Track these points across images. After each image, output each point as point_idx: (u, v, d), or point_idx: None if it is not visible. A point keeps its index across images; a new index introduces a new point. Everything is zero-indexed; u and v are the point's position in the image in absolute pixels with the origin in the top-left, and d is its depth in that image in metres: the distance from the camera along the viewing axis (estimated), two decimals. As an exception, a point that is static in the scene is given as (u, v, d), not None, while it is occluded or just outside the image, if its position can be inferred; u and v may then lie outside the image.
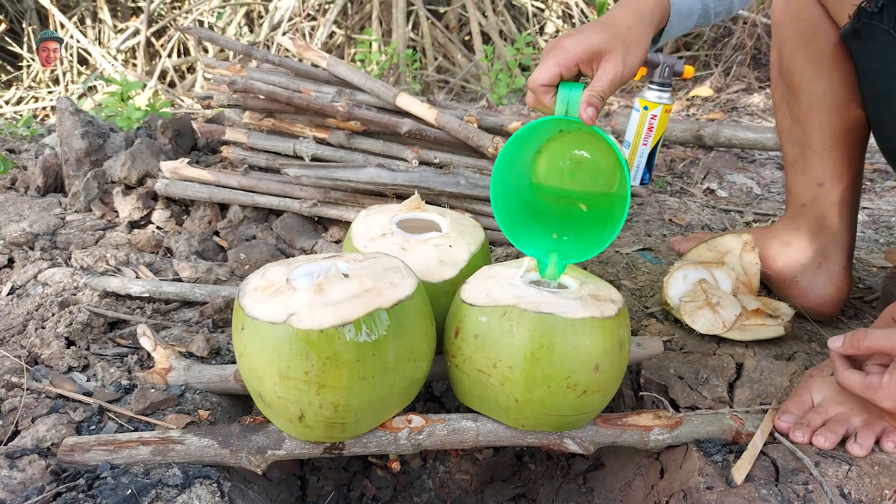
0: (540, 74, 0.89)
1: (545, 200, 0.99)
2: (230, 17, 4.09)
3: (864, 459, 0.87)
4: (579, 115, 0.85)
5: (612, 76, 0.88)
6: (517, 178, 0.97)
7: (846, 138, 1.19)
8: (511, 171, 0.95)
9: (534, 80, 0.89)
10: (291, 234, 1.52)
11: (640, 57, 0.91)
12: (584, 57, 0.89)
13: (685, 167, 2.29)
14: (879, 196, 2.17)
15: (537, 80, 0.89)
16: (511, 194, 0.96)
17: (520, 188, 0.98)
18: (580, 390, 0.81)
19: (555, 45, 0.91)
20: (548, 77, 0.89)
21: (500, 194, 0.93)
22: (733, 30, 3.53)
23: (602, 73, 0.88)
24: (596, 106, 0.85)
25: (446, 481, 1.19)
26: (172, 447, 0.84)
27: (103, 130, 1.70)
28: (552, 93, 0.90)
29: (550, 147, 0.96)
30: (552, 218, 0.99)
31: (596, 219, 0.96)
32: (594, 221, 0.96)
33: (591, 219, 0.97)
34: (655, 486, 0.96)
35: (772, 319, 1.16)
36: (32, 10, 4.14)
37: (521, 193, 0.98)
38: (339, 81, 1.61)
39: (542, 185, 0.99)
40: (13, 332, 1.12)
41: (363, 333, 0.75)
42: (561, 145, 0.95)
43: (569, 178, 0.97)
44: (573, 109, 0.87)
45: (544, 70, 0.89)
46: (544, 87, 0.89)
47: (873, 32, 1.03)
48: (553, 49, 0.90)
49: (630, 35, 0.91)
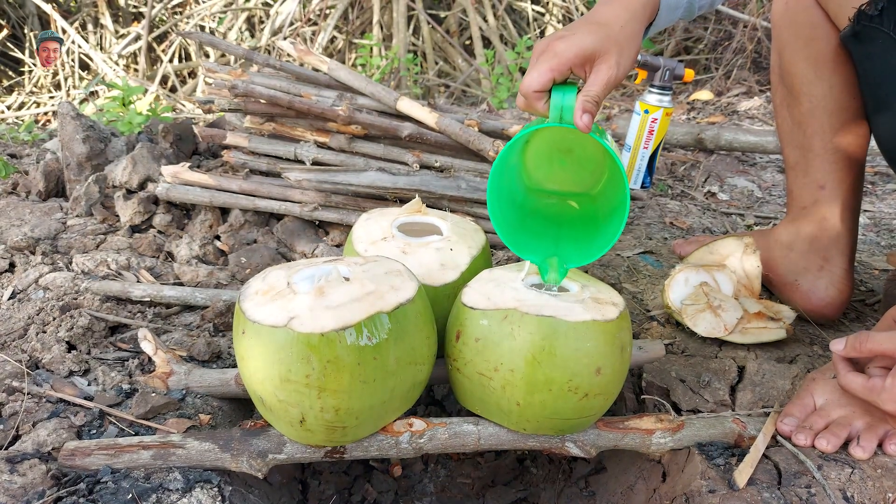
0: (532, 80, 0.86)
1: (539, 202, 0.99)
2: (231, 22, 4.10)
3: (867, 462, 0.87)
4: (575, 123, 0.84)
5: (606, 79, 0.86)
6: (511, 183, 0.97)
7: (847, 141, 1.19)
8: (505, 177, 0.94)
9: (526, 87, 0.87)
10: (292, 237, 1.52)
11: (633, 56, 0.89)
12: (577, 61, 0.86)
13: (686, 170, 2.29)
14: (881, 199, 2.17)
15: (530, 86, 0.86)
16: (506, 200, 0.95)
17: (514, 192, 0.98)
18: (581, 394, 0.81)
19: (546, 49, 0.88)
20: (541, 83, 0.86)
21: (496, 201, 0.92)
22: (734, 33, 3.53)
23: (595, 76, 0.86)
24: (591, 112, 0.83)
25: (448, 485, 1.19)
26: (173, 451, 0.84)
27: (105, 135, 1.70)
28: (545, 98, 0.87)
29: (538, 140, 0.95)
30: (549, 222, 0.99)
31: (594, 222, 0.96)
32: (593, 225, 0.96)
33: (589, 222, 0.97)
34: (657, 489, 0.96)
35: (773, 322, 1.16)
36: (34, 16, 4.15)
37: (517, 197, 0.98)
38: (339, 86, 1.61)
39: (533, 183, 0.99)
40: (14, 337, 1.12)
41: (364, 337, 0.75)
42: (549, 139, 0.95)
43: (558, 168, 0.97)
44: (567, 115, 0.85)
45: (537, 76, 0.86)
46: (537, 94, 0.87)
47: (873, 35, 1.03)
48: (545, 53, 0.88)
49: (623, 34, 0.89)
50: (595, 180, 0.99)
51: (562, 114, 0.85)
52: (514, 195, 0.98)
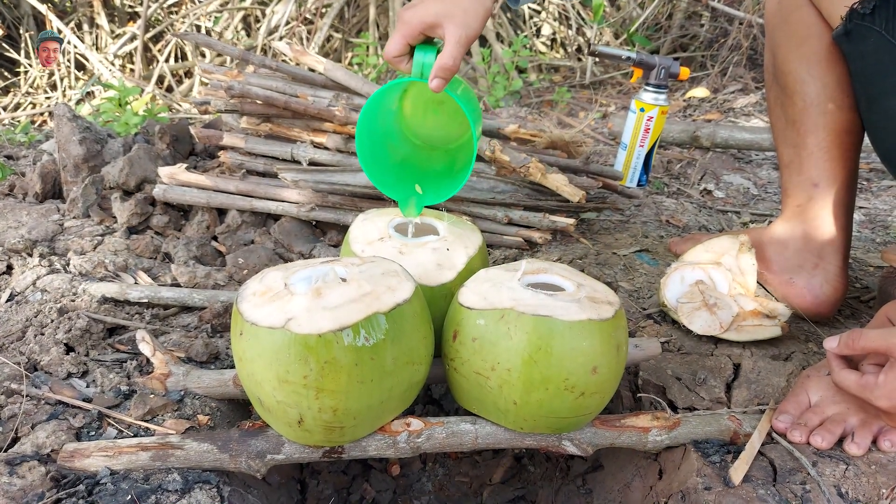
0: (390, 48, 0.98)
1: (409, 147, 1.12)
2: (227, 22, 4.09)
3: (862, 459, 0.87)
4: (430, 86, 0.94)
5: (457, 40, 0.94)
6: (388, 125, 1.09)
7: (841, 139, 1.19)
8: (380, 120, 1.06)
9: (386, 54, 0.99)
10: (289, 238, 1.52)
11: (482, 15, 0.97)
12: (423, 27, 0.96)
13: (682, 168, 2.30)
14: (876, 196, 2.18)
15: (389, 53, 0.99)
16: (380, 141, 1.07)
17: (389, 134, 1.10)
18: (578, 392, 0.82)
19: (399, 18, 0.99)
20: (397, 50, 0.98)
21: (366, 141, 1.03)
22: (729, 30, 3.54)
23: (448, 39, 0.95)
24: (443, 78, 0.94)
25: (446, 484, 1.20)
26: (172, 452, 0.84)
27: (101, 136, 1.70)
28: (406, 60, 0.99)
29: (415, 89, 1.07)
30: (415, 167, 1.12)
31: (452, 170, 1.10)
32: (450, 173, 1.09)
33: (449, 171, 1.10)
34: (654, 486, 0.96)
35: (769, 320, 1.16)
36: (29, 16, 4.14)
37: (390, 139, 1.11)
38: (336, 86, 1.61)
39: (407, 129, 1.12)
40: (12, 339, 1.12)
41: (361, 338, 0.75)
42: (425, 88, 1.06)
43: (431, 117, 1.11)
44: (427, 72, 0.96)
45: (393, 43, 0.98)
46: (398, 58, 0.99)
47: (865, 34, 1.04)
48: (398, 22, 0.99)
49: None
50: (462, 132, 1.11)
51: (423, 70, 0.97)
52: (389, 137, 1.10)
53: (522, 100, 3.35)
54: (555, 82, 3.67)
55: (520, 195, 1.55)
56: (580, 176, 1.59)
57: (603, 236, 1.63)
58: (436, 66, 0.94)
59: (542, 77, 3.72)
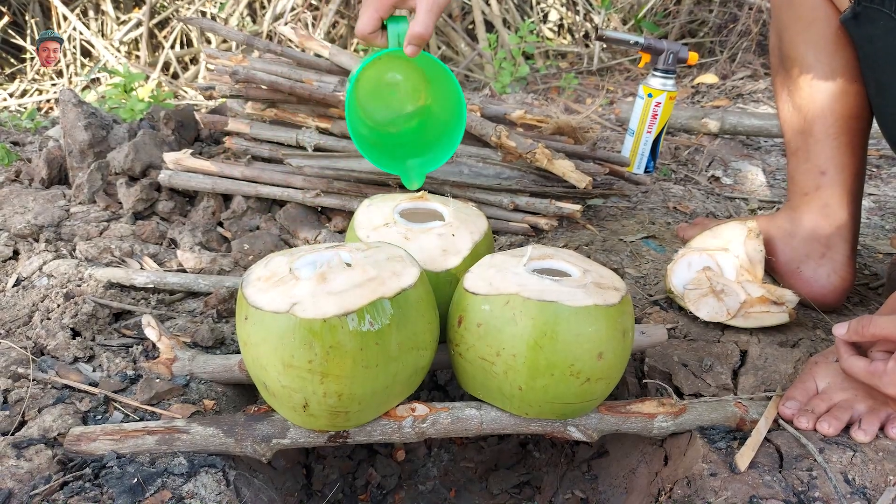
0: (363, 25, 1.00)
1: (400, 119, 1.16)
2: (233, 7, 4.07)
3: (869, 446, 0.87)
4: (405, 53, 0.99)
5: (428, 10, 0.96)
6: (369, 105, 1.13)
7: (848, 125, 1.18)
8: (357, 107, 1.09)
9: (359, 31, 1.01)
10: (294, 224, 1.52)
11: None
12: (394, 1, 0.99)
13: (690, 154, 2.28)
14: (886, 182, 2.16)
15: (363, 30, 1.01)
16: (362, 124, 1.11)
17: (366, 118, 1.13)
18: (584, 378, 0.82)
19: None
20: (371, 26, 1.00)
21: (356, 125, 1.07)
22: (738, 16, 3.50)
23: (419, 10, 0.97)
24: (416, 45, 0.98)
25: (451, 469, 1.20)
26: (178, 436, 0.84)
27: (106, 122, 1.70)
28: (380, 35, 1.02)
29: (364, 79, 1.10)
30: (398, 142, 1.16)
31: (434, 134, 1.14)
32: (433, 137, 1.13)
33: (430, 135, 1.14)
34: (659, 473, 0.96)
35: (776, 307, 1.15)
36: (35, 3, 4.13)
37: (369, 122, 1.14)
38: (341, 71, 1.61)
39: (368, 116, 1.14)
40: (19, 324, 1.13)
41: (366, 322, 0.75)
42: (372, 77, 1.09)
43: (388, 99, 1.15)
44: (402, 40, 0.99)
45: (366, 19, 1.00)
46: (371, 34, 1.01)
47: (874, 17, 1.02)
48: None
49: None
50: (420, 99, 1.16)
51: (399, 40, 1.01)
52: (368, 120, 1.14)
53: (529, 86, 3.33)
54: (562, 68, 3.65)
55: (526, 181, 1.54)
56: (587, 162, 1.58)
57: (609, 223, 1.62)
58: (409, 34, 0.97)
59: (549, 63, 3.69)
